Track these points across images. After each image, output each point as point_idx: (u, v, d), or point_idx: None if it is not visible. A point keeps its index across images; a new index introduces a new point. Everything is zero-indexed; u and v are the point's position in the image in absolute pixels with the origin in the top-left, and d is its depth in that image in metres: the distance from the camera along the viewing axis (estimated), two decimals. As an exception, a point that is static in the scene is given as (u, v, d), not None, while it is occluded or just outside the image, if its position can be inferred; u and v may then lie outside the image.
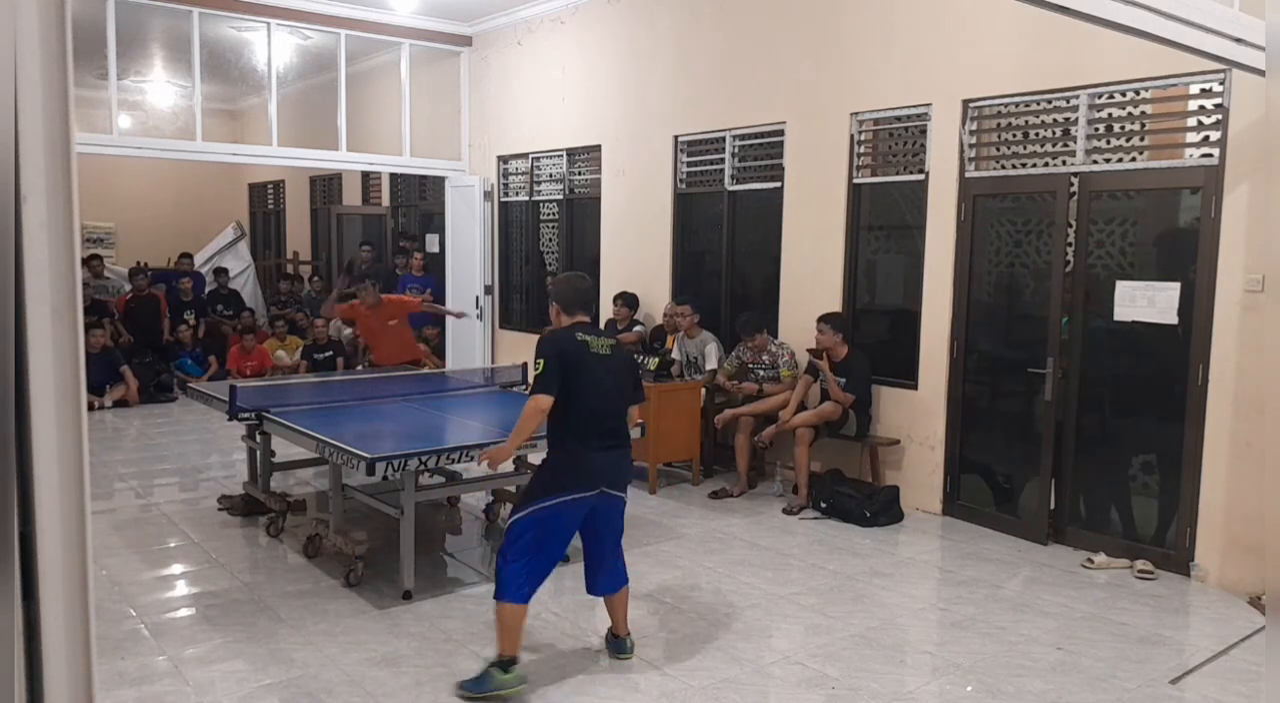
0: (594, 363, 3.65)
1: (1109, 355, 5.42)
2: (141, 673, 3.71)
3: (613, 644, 3.96)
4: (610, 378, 3.70)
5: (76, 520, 1.00)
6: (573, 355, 3.62)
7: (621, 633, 3.95)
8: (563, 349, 3.62)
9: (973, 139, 5.86)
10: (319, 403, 5.63)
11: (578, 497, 3.62)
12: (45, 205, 0.96)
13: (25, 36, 0.93)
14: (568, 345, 3.64)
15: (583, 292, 3.88)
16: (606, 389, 3.68)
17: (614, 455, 3.71)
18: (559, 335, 3.71)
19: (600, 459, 3.65)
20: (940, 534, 5.77)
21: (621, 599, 3.92)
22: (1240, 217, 4.70)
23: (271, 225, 15.17)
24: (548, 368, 3.58)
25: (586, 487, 3.63)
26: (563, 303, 3.81)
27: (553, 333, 3.76)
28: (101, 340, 9.43)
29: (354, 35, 9.33)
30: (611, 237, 8.46)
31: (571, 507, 3.63)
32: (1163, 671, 3.91)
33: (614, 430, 3.73)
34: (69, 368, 0.98)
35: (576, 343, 3.66)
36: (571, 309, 3.80)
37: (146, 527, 5.65)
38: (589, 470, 3.64)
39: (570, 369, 3.59)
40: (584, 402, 3.62)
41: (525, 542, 3.59)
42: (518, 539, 3.59)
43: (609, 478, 3.70)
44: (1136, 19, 3.29)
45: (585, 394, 3.61)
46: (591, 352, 3.66)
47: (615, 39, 8.28)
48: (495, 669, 3.53)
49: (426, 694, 3.58)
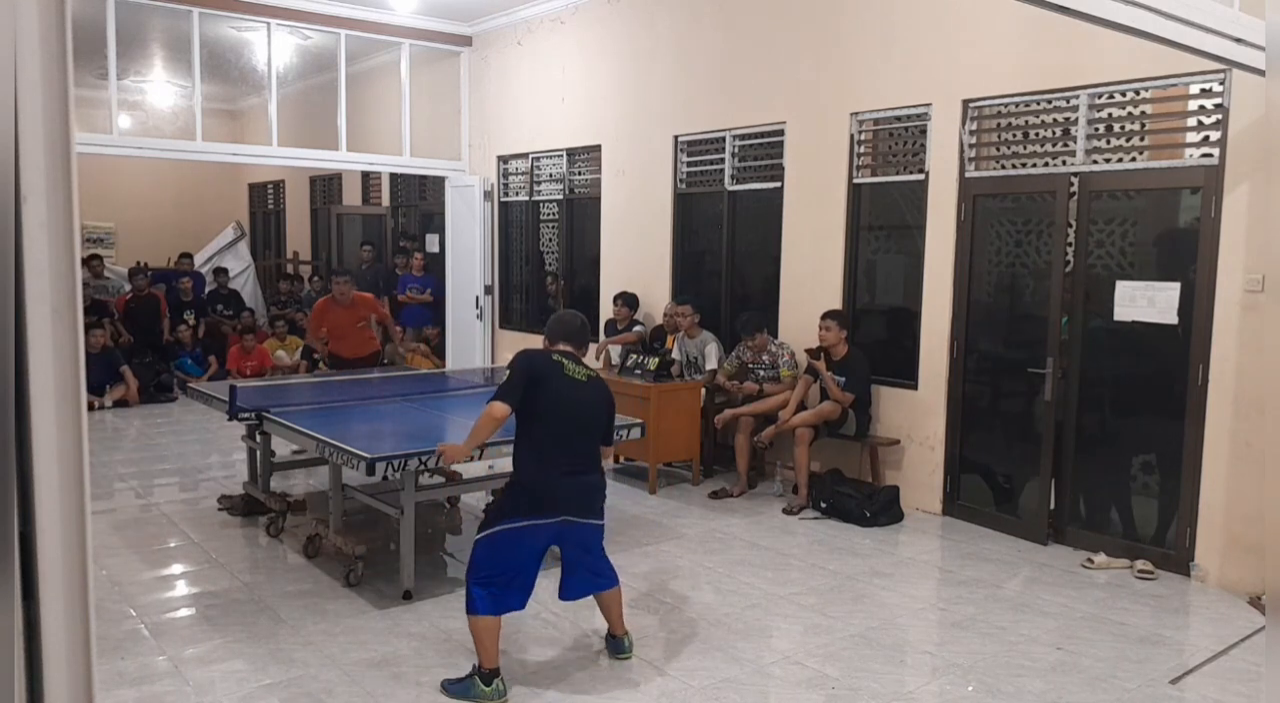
0: (564, 386, 3.61)
1: (1109, 355, 5.42)
2: (141, 673, 3.71)
3: (611, 645, 3.96)
4: (580, 405, 3.64)
5: (76, 521, 1.00)
6: (541, 371, 3.60)
7: (618, 633, 3.93)
8: (532, 363, 3.63)
9: (973, 139, 5.86)
10: (319, 403, 5.63)
11: (536, 522, 3.55)
12: (45, 205, 0.96)
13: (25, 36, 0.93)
14: (539, 361, 3.65)
15: (570, 327, 3.86)
16: (573, 414, 3.62)
17: (579, 481, 3.63)
18: (532, 352, 3.75)
19: (561, 485, 3.59)
20: (940, 534, 5.77)
21: (611, 600, 3.88)
22: (1240, 217, 4.70)
23: (271, 225, 15.17)
24: (511, 378, 3.58)
25: (546, 513, 3.56)
26: (548, 336, 3.87)
27: (529, 349, 3.80)
28: (101, 340, 9.43)
29: (354, 35, 9.33)
30: (611, 237, 8.46)
31: (531, 531, 3.56)
32: (1163, 671, 3.91)
33: (580, 455, 3.65)
34: (69, 368, 0.98)
35: (550, 362, 3.65)
36: (554, 340, 3.83)
37: (146, 527, 5.65)
38: (548, 497, 3.57)
39: (538, 385, 3.56)
40: (548, 423, 3.58)
41: (488, 562, 3.56)
42: (477, 559, 3.59)
43: (572, 504, 3.62)
44: (1136, 19, 3.29)
45: (551, 415, 3.57)
46: (565, 374, 3.63)
47: (615, 39, 8.28)
48: (477, 678, 3.52)
49: (426, 694, 3.58)
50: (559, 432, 3.59)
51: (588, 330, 3.96)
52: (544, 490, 3.57)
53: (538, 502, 3.56)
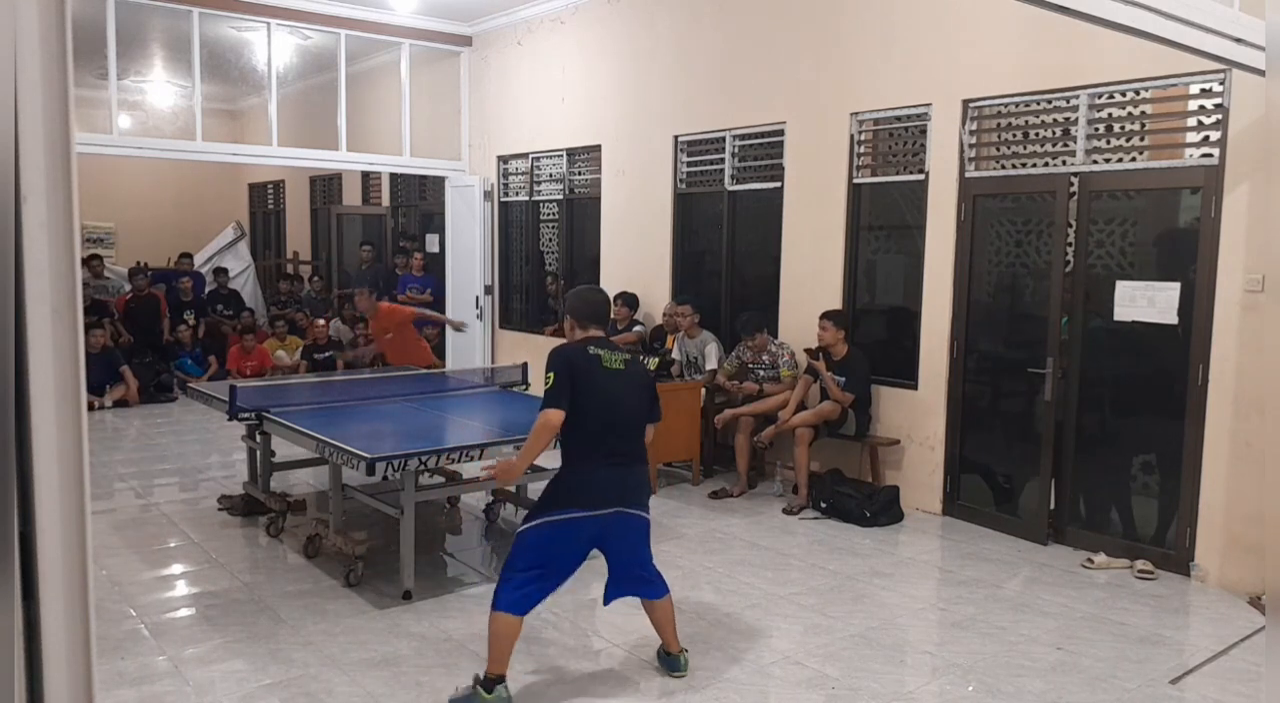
0: (605, 378, 3.54)
1: (1109, 355, 5.42)
2: (141, 673, 3.71)
3: (665, 662, 3.81)
4: (623, 394, 3.57)
5: (76, 521, 1.00)
6: (582, 369, 3.51)
7: (673, 649, 3.79)
8: (572, 363, 3.52)
9: (973, 139, 5.86)
10: (319, 403, 5.63)
11: (586, 514, 3.50)
12: (45, 205, 0.96)
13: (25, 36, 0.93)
14: (578, 359, 3.54)
15: (597, 306, 3.75)
16: (617, 405, 3.55)
17: (623, 472, 3.57)
18: (569, 349, 3.60)
19: (607, 475, 3.53)
20: (940, 534, 5.77)
21: (663, 612, 3.77)
22: (1240, 217, 4.70)
23: (271, 225, 15.17)
24: (557, 382, 3.46)
25: (594, 504, 3.51)
26: (576, 317, 3.70)
27: (563, 347, 3.65)
28: (101, 340, 9.43)
29: (354, 35, 9.33)
30: (611, 237, 8.46)
31: (579, 524, 3.50)
32: (1163, 671, 3.91)
33: (625, 447, 3.59)
34: (69, 368, 0.98)
35: (588, 357, 3.55)
36: (585, 323, 3.68)
37: (146, 527, 5.65)
38: (595, 487, 3.52)
39: (579, 383, 3.48)
40: (592, 417, 3.50)
41: (530, 555, 3.49)
42: (523, 552, 3.50)
43: (619, 495, 3.55)
44: (1136, 19, 3.29)
45: (594, 409, 3.49)
46: (604, 367, 3.55)
47: (615, 39, 8.28)
48: (480, 688, 3.44)
49: (426, 695, 3.58)
50: (605, 424, 3.52)
51: (610, 307, 3.87)
52: (591, 482, 3.52)
53: (589, 494, 3.51)
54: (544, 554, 3.49)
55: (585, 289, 3.88)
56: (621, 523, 3.58)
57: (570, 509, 3.49)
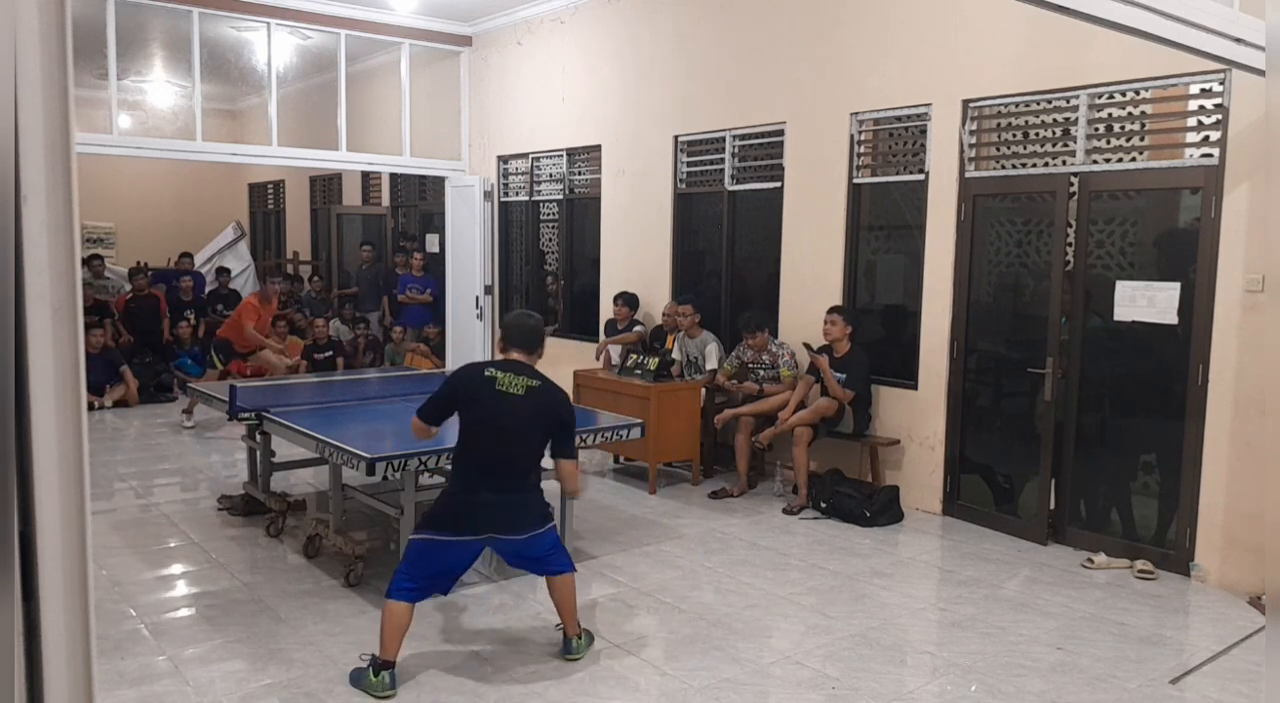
0: (494, 400, 3.57)
1: (1109, 355, 5.42)
2: (141, 673, 3.71)
3: (562, 643, 3.88)
4: (513, 419, 3.58)
5: (76, 520, 1.00)
6: (468, 391, 3.63)
7: (569, 632, 3.85)
8: (456, 382, 3.68)
9: (973, 139, 5.86)
10: (319, 403, 5.63)
11: (458, 539, 3.60)
12: (45, 205, 0.96)
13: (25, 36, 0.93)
14: (468, 380, 3.66)
15: (525, 331, 3.80)
16: (504, 429, 3.58)
17: (503, 498, 3.61)
18: (467, 368, 3.76)
19: (484, 501, 3.58)
20: (940, 534, 5.77)
21: (561, 590, 3.80)
22: (1240, 216, 4.71)
23: (271, 225, 15.17)
24: (436, 395, 3.68)
25: (466, 531, 3.59)
26: (501, 337, 3.85)
27: (464, 365, 3.81)
28: (101, 340, 9.43)
29: (354, 35, 9.33)
30: (611, 237, 8.46)
31: (455, 546, 3.62)
32: (1163, 671, 3.91)
33: (507, 472, 3.62)
34: (69, 368, 0.98)
35: (481, 378, 3.62)
36: (506, 346, 3.78)
37: (146, 527, 5.65)
38: (470, 514, 3.59)
39: (465, 404, 3.61)
40: (477, 437, 3.61)
41: (417, 562, 3.62)
42: (411, 557, 3.65)
43: (494, 524, 3.61)
44: (1136, 19, 3.29)
45: (479, 430, 3.60)
46: (496, 389, 3.58)
47: (615, 39, 8.28)
48: (369, 668, 3.55)
49: (426, 695, 3.58)
50: (486, 449, 3.60)
51: (542, 333, 3.88)
52: (466, 509, 3.61)
53: (459, 520, 3.60)
54: (428, 564, 3.63)
55: (519, 313, 3.96)
56: (500, 543, 3.72)
57: (444, 532, 3.61)
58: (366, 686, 3.52)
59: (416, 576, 3.62)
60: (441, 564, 3.66)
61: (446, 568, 3.69)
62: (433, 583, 3.68)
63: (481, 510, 3.59)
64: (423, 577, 3.62)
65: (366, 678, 3.53)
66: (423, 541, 3.64)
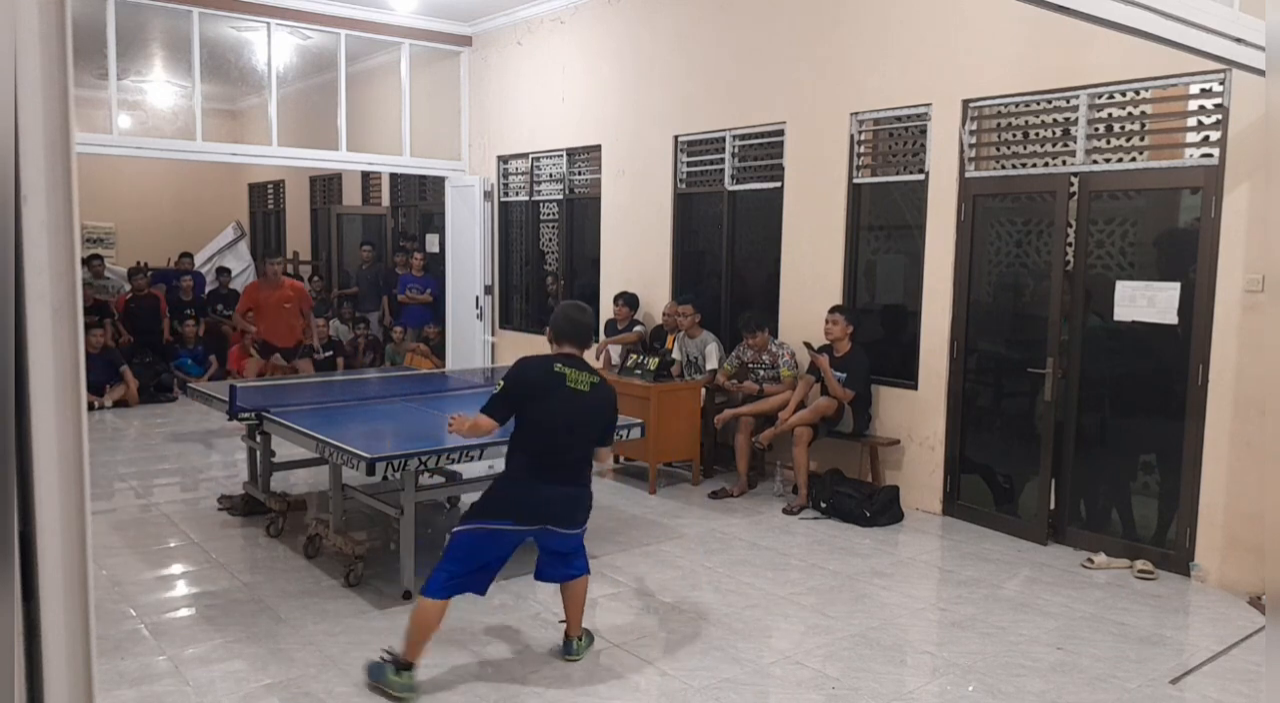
0: (565, 398, 3.55)
1: (1109, 355, 5.42)
2: (141, 673, 3.71)
3: (563, 645, 3.90)
4: (579, 416, 3.59)
5: (76, 520, 1.00)
6: (538, 385, 3.56)
7: (572, 633, 3.87)
8: (529, 377, 3.58)
9: (973, 139, 5.86)
10: (319, 403, 5.63)
11: (512, 528, 3.57)
12: (45, 205, 0.96)
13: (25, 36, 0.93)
14: (536, 373, 3.58)
15: (578, 325, 3.75)
16: (571, 426, 3.58)
17: (565, 491, 3.62)
18: (533, 362, 3.65)
19: (545, 493, 3.58)
20: (940, 534, 5.77)
21: (575, 592, 3.84)
22: (1240, 216, 4.71)
23: (271, 225, 15.17)
24: (503, 392, 3.57)
25: (524, 520, 3.57)
26: (555, 332, 3.75)
27: (529, 358, 3.69)
28: (101, 340, 9.42)
29: (354, 35, 9.33)
30: (611, 237, 8.46)
31: (508, 535, 3.59)
32: (1163, 671, 3.91)
33: (571, 466, 3.63)
34: (69, 368, 0.98)
35: (551, 374, 3.57)
36: (561, 340, 3.72)
37: (146, 527, 5.65)
38: (532, 503, 3.57)
39: (535, 399, 3.54)
40: (542, 433, 3.56)
41: (462, 554, 3.57)
42: (456, 551, 3.58)
43: (554, 514, 3.61)
44: (1136, 19, 3.29)
45: (545, 426, 3.55)
46: (566, 385, 3.56)
47: (615, 39, 8.28)
48: (390, 667, 3.50)
49: (426, 695, 3.57)
50: (554, 443, 3.57)
51: (593, 327, 3.89)
52: (527, 499, 3.57)
53: (519, 508, 3.57)
54: (474, 556, 3.58)
55: (571, 307, 3.86)
56: (547, 535, 3.69)
57: (501, 521, 3.56)
58: (387, 683, 3.47)
59: (459, 570, 3.54)
60: (490, 555, 3.59)
61: (493, 559, 3.61)
62: (474, 579, 3.59)
63: (544, 502, 3.58)
64: (465, 572, 3.55)
65: (387, 676, 3.48)
66: (474, 531, 3.56)
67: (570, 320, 3.74)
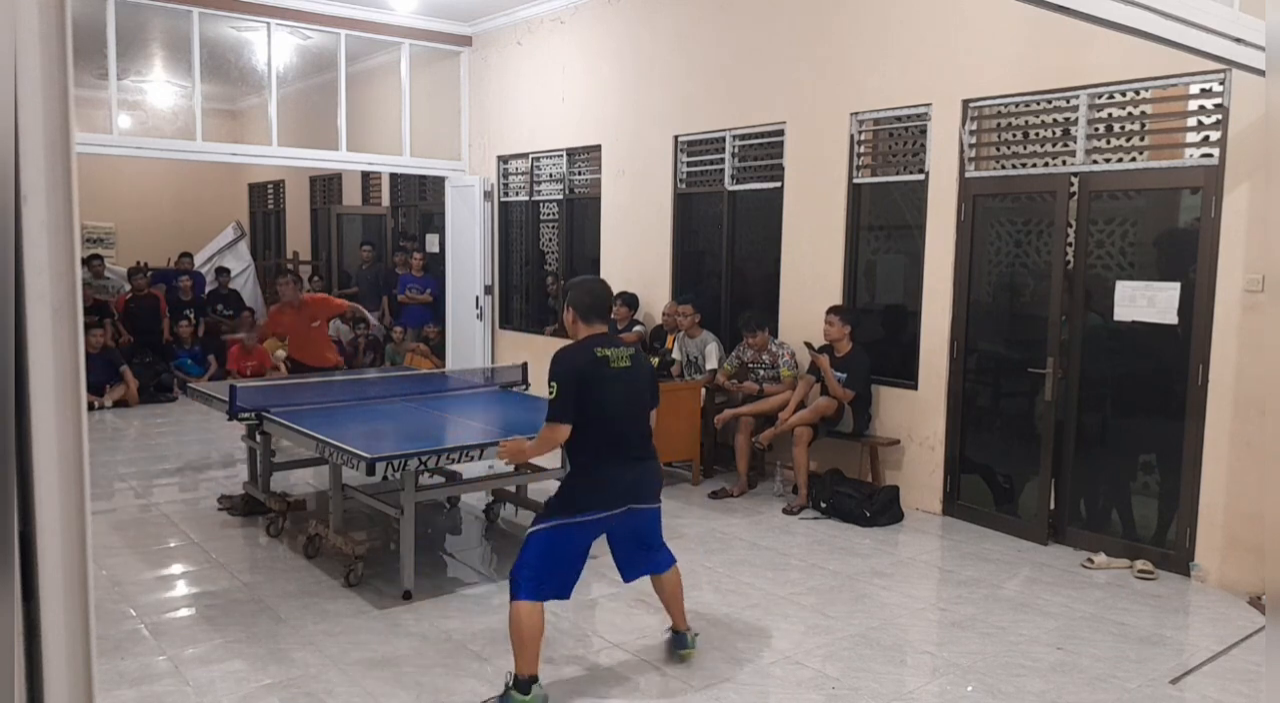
0: (613, 379, 3.45)
1: (1109, 355, 5.42)
2: (141, 673, 3.71)
3: (674, 639, 3.87)
4: (630, 392, 3.52)
5: (76, 520, 1.00)
6: (590, 376, 3.41)
7: (680, 627, 3.85)
8: (579, 371, 3.40)
9: (973, 139, 5.86)
10: (319, 403, 5.63)
11: (598, 516, 3.49)
12: (45, 205, 0.96)
13: (25, 36, 0.93)
14: (584, 365, 3.43)
15: (601, 298, 3.63)
16: (627, 405, 3.51)
17: (638, 469, 3.56)
18: (574, 354, 3.48)
19: (622, 474, 3.52)
20: (940, 534, 5.77)
21: (672, 586, 3.80)
22: (1240, 216, 4.70)
23: (271, 225, 15.17)
24: (562, 394, 3.37)
25: (608, 505, 3.50)
26: (579, 310, 3.56)
27: (568, 350, 3.52)
28: (101, 340, 9.43)
29: (354, 35, 9.33)
30: (611, 237, 8.46)
31: (591, 525, 3.51)
32: (1163, 671, 3.91)
33: (637, 444, 3.57)
34: (69, 368, 0.98)
35: (595, 361, 3.44)
36: (589, 318, 3.55)
37: (146, 527, 5.65)
38: (610, 488, 3.50)
39: (589, 390, 3.39)
40: (603, 420, 3.44)
41: (544, 554, 3.45)
42: (536, 552, 3.45)
43: (633, 493, 3.56)
44: (1136, 19, 3.29)
45: (605, 413, 3.44)
46: (611, 367, 3.46)
47: (615, 39, 8.28)
48: (514, 692, 3.36)
49: (426, 695, 3.58)
50: (615, 426, 3.49)
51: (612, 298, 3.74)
52: (602, 483, 3.49)
53: (596, 495, 3.49)
54: (561, 553, 3.47)
55: (589, 280, 3.74)
56: (632, 516, 3.59)
57: (587, 512, 3.48)
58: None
59: (544, 572, 3.42)
60: (572, 552, 3.49)
61: (575, 556, 3.51)
62: (556, 579, 3.46)
63: (619, 482, 3.51)
64: (550, 573, 3.43)
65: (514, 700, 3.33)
66: (553, 528, 3.46)
67: (594, 295, 3.61)
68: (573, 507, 3.49)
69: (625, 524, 3.60)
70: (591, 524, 3.51)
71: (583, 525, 3.49)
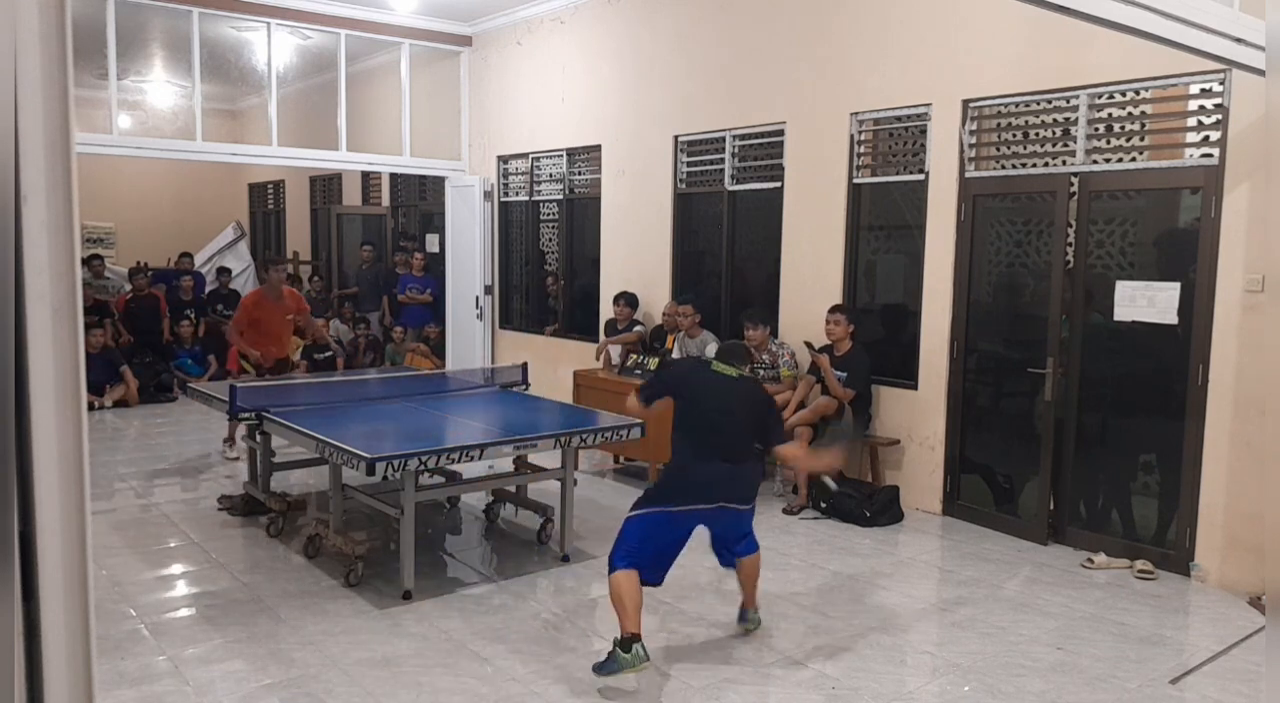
0: (715, 381, 3.96)
1: (1109, 355, 5.42)
2: (141, 673, 3.71)
3: (740, 613, 4.25)
4: (733, 400, 3.91)
5: (76, 520, 1.00)
6: (690, 375, 4.12)
7: (748, 605, 4.21)
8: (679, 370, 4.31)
9: (973, 139, 5.86)
10: (319, 403, 5.63)
11: (688, 508, 3.79)
12: (45, 205, 0.96)
13: (25, 36, 0.93)
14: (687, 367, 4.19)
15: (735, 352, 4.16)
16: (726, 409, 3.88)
17: (731, 469, 3.84)
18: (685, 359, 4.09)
19: (712, 473, 3.81)
20: (940, 534, 5.77)
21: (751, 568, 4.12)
22: (1240, 216, 4.71)
23: (271, 225, 15.17)
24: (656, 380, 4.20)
25: (697, 500, 3.80)
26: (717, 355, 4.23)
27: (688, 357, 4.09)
28: (101, 340, 9.42)
29: (354, 35, 9.33)
30: (611, 237, 8.46)
31: (680, 517, 3.80)
32: (1163, 671, 3.91)
33: (733, 446, 3.86)
34: (69, 368, 0.98)
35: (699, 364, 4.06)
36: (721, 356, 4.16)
37: (146, 527, 5.65)
38: (699, 484, 3.81)
39: (686, 387, 3.97)
40: (699, 417, 3.88)
41: (637, 538, 3.76)
42: (626, 536, 3.79)
43: (726, 493, 3.85)
44: (1136, 19, 3.29)
45: (701, 410, 3.88)
46: (713, 371, 4.00)
47: (615, 39, 8.28)
48: (618, 650, 3.58)
49: (426, 695, 3.58)
50: (711, 426, 3.85)
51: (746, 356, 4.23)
52: (701, 478, 3.82)
53: (693, 489, 3.81)
54: (654, 540, 3.78)
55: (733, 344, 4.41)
56: (725, 512, 3.90)
57: (671, 504, 3.81)
58: (621, 664, 3.55)
59: (636, 554, 3.73)
60: (666, 541, 3.80)
61: (668, 545, 3.82)
62: (651, 563, 3.76)
63: (716, 480, 3.83)
64: (642, 557, 3.73)
65: (619, 659, 3.55)
66: (646, 514, 3.80)
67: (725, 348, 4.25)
68: (663, 498, 3.85)
69: (719, 520, 3.94)
70: (682, 516, 3.81)
71: (673, 516, 3.79)
